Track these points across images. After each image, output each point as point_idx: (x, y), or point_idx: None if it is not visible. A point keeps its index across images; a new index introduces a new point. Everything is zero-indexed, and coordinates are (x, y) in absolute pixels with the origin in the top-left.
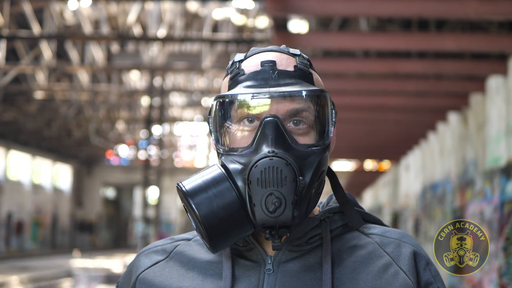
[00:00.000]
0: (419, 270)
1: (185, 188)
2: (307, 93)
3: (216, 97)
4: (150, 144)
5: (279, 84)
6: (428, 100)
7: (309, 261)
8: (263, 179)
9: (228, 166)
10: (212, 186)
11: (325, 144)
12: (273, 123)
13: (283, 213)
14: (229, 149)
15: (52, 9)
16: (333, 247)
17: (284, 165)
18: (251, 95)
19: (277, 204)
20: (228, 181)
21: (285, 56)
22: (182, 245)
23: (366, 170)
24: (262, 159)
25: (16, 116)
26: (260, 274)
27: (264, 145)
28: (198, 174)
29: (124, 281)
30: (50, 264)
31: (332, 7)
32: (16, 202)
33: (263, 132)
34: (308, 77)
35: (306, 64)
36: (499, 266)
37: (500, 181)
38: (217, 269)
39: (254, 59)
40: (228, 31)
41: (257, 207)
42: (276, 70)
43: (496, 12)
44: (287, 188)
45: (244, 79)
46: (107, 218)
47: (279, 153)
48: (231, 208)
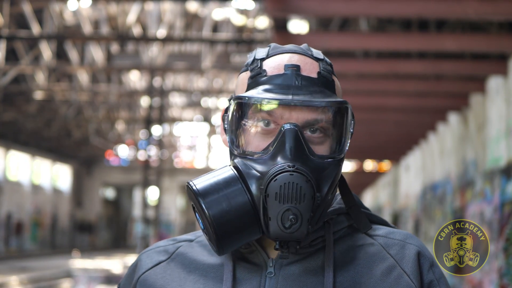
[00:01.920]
0: (423, 271)
1: (196, 187)
2: (330, 105)
3: (236, 97)
4: (150, 144)
5: (302, 91)
6: (428, 100)
7: (311, 264)
8: (281, 194)
9: (242, 169)
10: (224, 187)
11: (340, 156)
12: (293, 132)
13: (298, 230)
14: (243, 151)
15: (51, 9)
16: (336, 249)
17: (304, 182)
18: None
19: (293, 221)
20: (241, 184)
21: (309, 61)
22: (184, 247)
23: (366, 171)
24: (282, 173)
25: (15, 116)
26: (261, 277)
27: (281, 154)
28: (210, 174)
29: (126, 282)
30: (50, 265)
31: (332, 8)
32: (15, 202)
33: (282, 141)
34: (331, 84)
35: (329, 70)
36: (500, 267)
37: (500, 182)
38: (218, 272)
39: (277, 60)
40: (228, 32)
41: (272, 221)
42: (300, 76)
43: (496, 12)
44: (305, 205)
45: (266, 81)
46: (106, 219)
47: (299, 167)
48: (242, 211)
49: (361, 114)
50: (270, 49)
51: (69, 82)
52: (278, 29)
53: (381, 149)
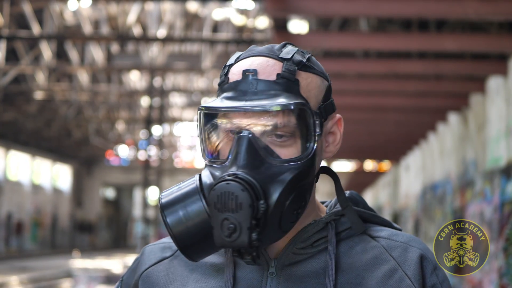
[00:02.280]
0: (426, 275)
1: (161, 201)
2: (282, 107)
3: (198, 107)
4: (150, 144)
5: (257, 97)
6: (428, 100)
7: (313, 265)
8: (219, 204)
9: (203, 179)
10: (184, 199)
11: (303, 159)
12: (244, 139)
13: (238, 238)
14: (211, 161)
15: (52, 9)
16: (338, 250)
17: (239, 191)
18: (225, 110)
19: (231, 229)
20: (199, 193)
21: (272, 62)
22: None
23: (366, 171)
24: (220, 183)
25: (16, 116)
26: (262, 277)
27: (234, 162)
28: (177, 186)
29: (129, 276)
30: (50, 265)
31: (332, 8)
32: (15, 202)
33: (235, 148)
34: (292, 85)
35: (292, 70)
36: (499, 267)
37: (500, 182)
38: (220, 271)
39: (239, 65)
40: (228, 32)
41: (215, 230)
42: (256, 81)
43: (496, 12)
44: (242, 214)
45: (226, 89)
46: (106, 219)
47: (240, 175)
48: (199, 220)
49: (361, 114)
50: (243, 53)
51: (69, 82)
52: (278, 29)
53: (381, 149)
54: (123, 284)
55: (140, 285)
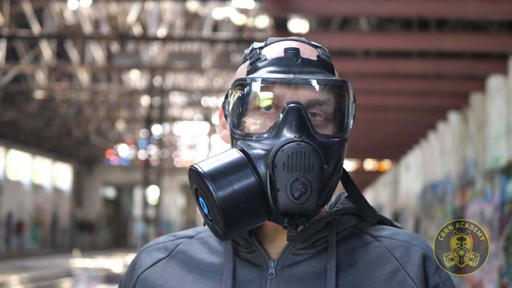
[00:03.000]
0: (428, 274)
1: (203, 170)
2: (331, 83)
3: (237, 79)
4: (150, 143)
5: (303, 71)
6: (428, 99)
7: (314, 266)
8: (289, 164)
9: (247, 150)
10: (231, 170)
11: (344, 137)
12: (297, 109)
13: (308, 200)
14: (247, 134)
15: (52, 8)
16: (339, 250)
17: (312, 151)
18: (275, 80)
19: (303, 190)
20: (249, 166)
21: (308, 46)
22: (184, 244)
23: (366, 170)
24: (289, 143)
25: (16, 115)
26: (262, 279)
27: (286, 131)
28: (215, 157)
29: (126, 280)
30: (50, 264)
31: (332, 7)
32: (16, 202)
33: (285, 118)
34: (330, 68)
35: (328, 55)
36: (500, 266)
37: (501, 181)
38: (218, 271)
39: (276, 46)
40: (228, 31)
41: (281, 192)
42: (300, 58)
43: (496, 11)
44: (313, 175)
45: (266, 65)
46: (107, 218)
47: (305, 139)
48: (250, 193)
49: (361, 114)
50: (268, 41)
51: (69, 81)
52: (278, 28)
53: (382, 149)
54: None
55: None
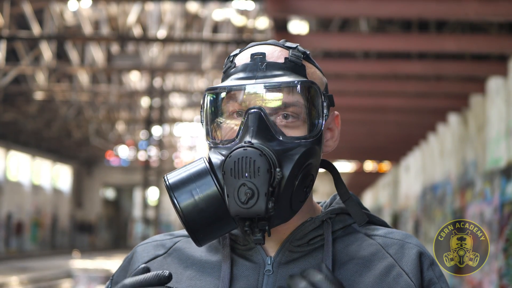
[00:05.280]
0: (423, 270)
1: (168, 182)
2: (292, 84)
3: (206, 89)
4: (150, 145)
5: (266, 76)
6: (428, 101)
7: (310, 262)
8: (236, 170)
9: (212, 159)
10: (194, 179)
11: (313, 137)
12: (256, 114)
13: (256, 204)
14: (217, 141)
15: (52, 9)
16: (334, 249)
17: (257, 155)
18: (237, 86)
19: (249, 194)
20: (210, 174)
21: (278, 49)
22: (181, 242)
23: (366, 171)
24: (236, 150)
25: (16, 116)
26: (259, 275)
27: (245, 135)
28: (184, 167)
29: (120, 274)
30: (50, 265)
31: (332, 8)
32: (15, 202)
33: (246, 124)
34: (299, 69)
35: (298, 56)
36: (499, 267)
37: (500, 182)
38: (215, 268)
39: (246, 52)
40: (228, 32)
41: (230, 198)
42: (265, 62)
43: (496, 13)
44: (260, 179)
45: (234, 72)
46: (107, 219)
47: (255, 144)
48: (211, 201)
49: (361, 115)
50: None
51: (69, 82)
52: (278, 29)
53: (381, 150)
54: (114, 283)
55: None
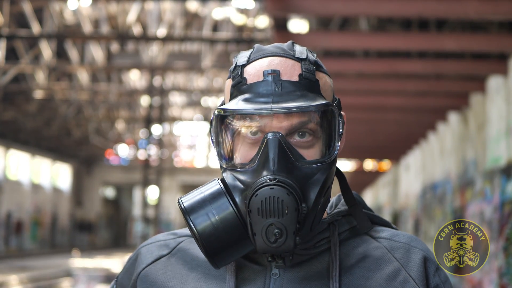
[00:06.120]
0: (429, 275)
1: (183, 205)
2: (312, 110)
3: (217, 109)
4: (150, 143)
5: (282, 99)
6: (428, 100)
7: (317, 266)
8: (263, 210)
9: (228, 182)
10: (209, 202)
11: (331, 159)
12: (275, 141)
13: (284, 244)
14: (231, 164)
15: (52, 8)
16: (341, 251)
17: (285, 195)
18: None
19: (277, 235)
20: (226, 197)
21: (290, 63)
22: (185, 242)
23: (366, 170)
24: (262, 188)
25: (15, 115)
26: (265, 278)
27: (265, 165)
28: (198, 190)
29: (124, 276)
30: (50, 264)
31: (332, 7)
32: (15, 201)
33: (265, 151)
34: (314, 85)
35: (311, 70)
36: (499, 266)
37: (500, 181)
38: (221, 271)
39: (256, 66)
40: (228, 31)
41: (257, 237)
42: (280, 82)
43: (496, 12)
44: (288, 219)
45: (246, 90)
46: (106, 218)
47: (280, 179)
48: (229, 225)
49: (361, 114)
50: (252, 52)
51: (69, 81)
52: (278, 28)
53: (381, 149)
54: (118, 284)
55: (138, 284)
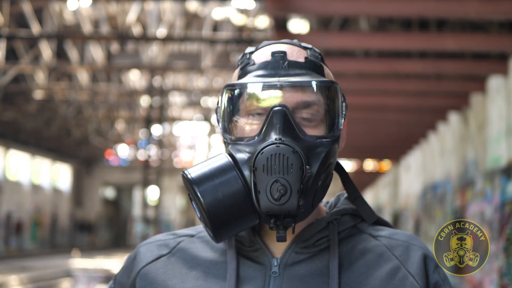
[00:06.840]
0: (429, 272)
1: (190, 176)
2: (317, 84)
3: (225, 85)
4: (150, 144)
5: (289, 74)
6: (428, 100)
7: (316, 264)
8: (269, 166)
9: (235, 155)
10: (218, 175)
11: (334, 136)
12: (281, 112)
13: (288, 201)
14: (236, 138)
15: (51, 8)
16: (340, 249)
17: (290, 153)
18: (260, 84)
19: (282, 191)
20: (235, 169)
21: (296, 48)
22: (185, 242)
23: (366, 170)
24: (268, 146)
25: (15, 115)
26: (265, 277)
27: (271, 134)
28: (205, 162)
29: (123, 275)
30: (50, 264)
31: (332, 7)
32: (15, 202)
33: (271, 121)
34: (319, 69)
35: (317, 56)
36: (500, 267)
37: (501, 181)
38: (221, 269)
39: (265, 50)
40: (228, 31)
41: (261, 194)
42: (286, 61)
43: (496, 11)
44: (293, 176)
45: (254, 69)
46: (106, 218)
47: (286, 140)
48: (236, 197)
49: (361, 114)
50: (259, 45)
51: (69, 81)
52: (278, 28)
53: (382, 149)
54: (117, 283)
55: (137, 283)
